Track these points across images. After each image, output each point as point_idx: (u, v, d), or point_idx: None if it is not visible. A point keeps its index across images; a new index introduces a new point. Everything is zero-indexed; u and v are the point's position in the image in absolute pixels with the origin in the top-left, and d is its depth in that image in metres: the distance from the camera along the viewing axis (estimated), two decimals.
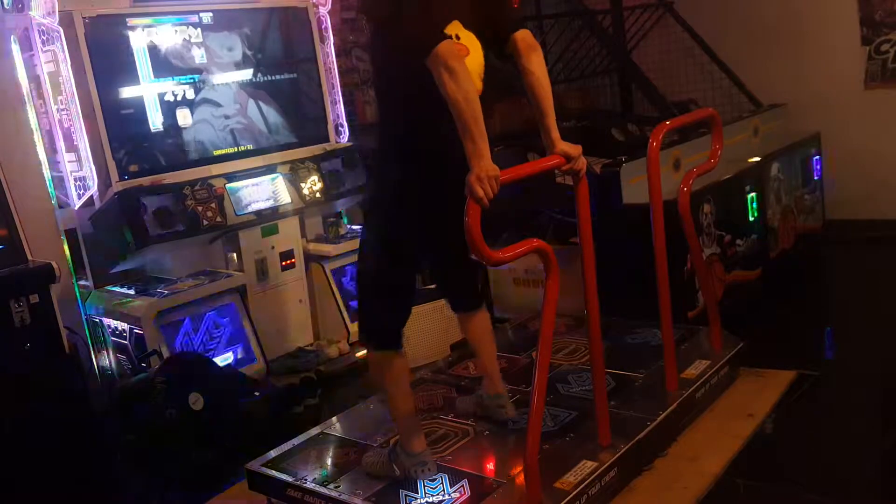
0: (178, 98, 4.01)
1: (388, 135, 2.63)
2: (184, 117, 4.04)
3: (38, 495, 3.08)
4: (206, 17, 4.12)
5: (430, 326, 4.05)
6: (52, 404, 3.21)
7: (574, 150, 2.51)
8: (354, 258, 4.42)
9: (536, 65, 2.50)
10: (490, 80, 2.53)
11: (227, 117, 4.21)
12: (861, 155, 5.31)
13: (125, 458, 3.47)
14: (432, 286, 4.23)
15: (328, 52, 4.65)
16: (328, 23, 4.64)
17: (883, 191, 5.28)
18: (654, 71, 5.80)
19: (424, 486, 2.59)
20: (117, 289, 3.95)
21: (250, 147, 4.29)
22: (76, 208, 3.77)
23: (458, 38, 2.44)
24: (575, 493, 2.46)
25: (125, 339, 3.79)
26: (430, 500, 2.53)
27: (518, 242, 2.30)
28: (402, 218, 2.57)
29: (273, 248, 4.25)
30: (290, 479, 2.77)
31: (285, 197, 4.23)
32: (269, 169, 4.25)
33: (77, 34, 3.63)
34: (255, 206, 4.10)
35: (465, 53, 2.43)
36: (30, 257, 3.30)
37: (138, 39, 3.87)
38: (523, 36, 2.52)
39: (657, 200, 3.02)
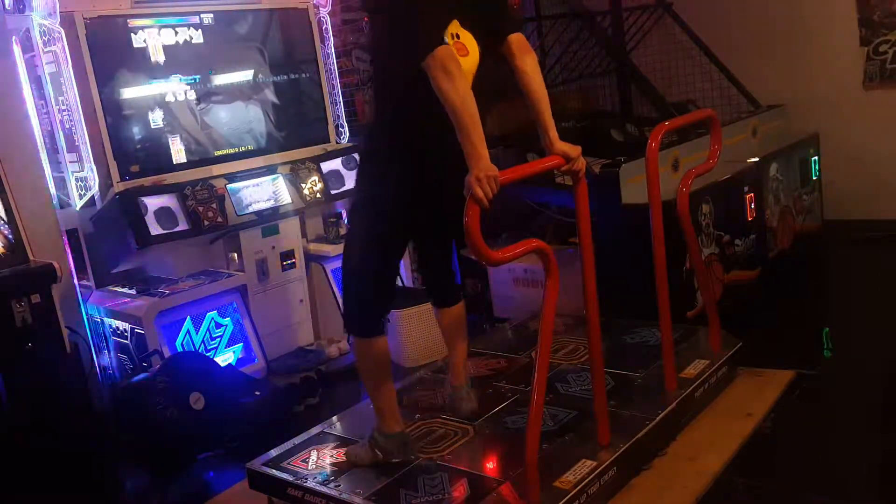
0: (179, 99, 4.02)
1: (378, 130, 2.68)
2: (184, 118, 4.05)
3: (38, 495, 3.09)
4: (207, 18, 4.13)
5: (430, 326, 4.06)
6: (52, 404, 3.22)
7: (573, 150, 2.53)
8: None
9: (531, 66, 2.55)
10: (487, 82, 2.55)
11: (227, 118, 4.22)
12: (860, 155, 5.32)
13: (125, 458, 3.48)
14: None
15: (328, 53, 4.66)
16: (328, 24, 4.65)
17: (882, 191, 5.29)
18: (653, 72, 5.81)
19: (424, 485, 2.61)
20: (118, 289, 3.95)
21: (251, 147, 4.30)
22: (77, 208, 3.78)
23: (457, 36, 2.45)
24: (574, 492, 2.47)
25: (126, 339, 3.80)
26: (430, 499, 2.54)
27: (518, 242, 2.32)
28: (386, 210, 2.61)
29: (274, 248, 4.26)
30: (290, 478, 2.78)
31: (286, 197, 4.24)
32: (270, 169, 4.26)
33: (78, 35, 3.64)
34: (255, 207, 4.11)
35: (465, 53, 2.45)
36: (31, 257, 3.31)
37: (139, 40, 3.88)
38: (518, 38, 2.57)
39: (656, 201, 3.03)
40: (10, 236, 3.30)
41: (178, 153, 4.03)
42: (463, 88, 2.24)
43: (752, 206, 4.40)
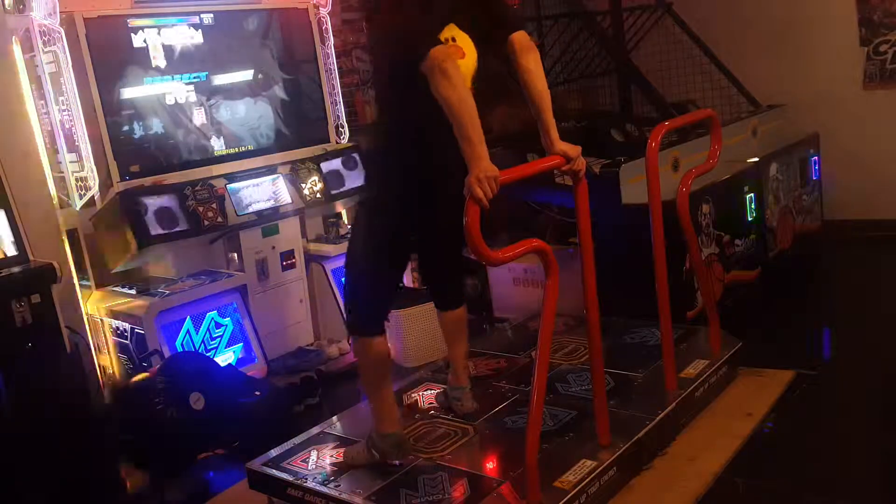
0: (179, 98, 4.02)
1: (381, 131, 2.71)
2: (184, 118, 4.05)
3: (38, 495, 3.09)
4: (207, 18, 4.12)
5: (430, 326, 4.06)
6: (52, 404, 3.21)
7: (573, 150, 2.53)
8: None
9: (534, 63, 2.56)
10: (487, 82, 2.55)
11: (227, 118, 4.22)
12: (859, 155, 5.32)
13: (125, 458, 3.48)
14: None
15: (328, 53, 4.66)
16: (328, 24, 4.65)
17: (881, 191, 5.29)
18: (653, 72, 5.82)
19: (424, 485, 2.61)
20: (118, 289, 3.95)
21: (251, 147, 4.30)
22: (77, 208, 3.77)
23: (453, 40, 2.47)
24: (574, 492, 2.47)
25: (126, 339, 3.80)
26: (430, 499, 2.54)
27: (518, 242, 2.32)
28: (389, 211, 2.64)
29: (273, 248, 4.26)
30: (290, 478, 2.78)
31: (286, 197, 4.24)
32: (270, 169, 4.26)
33: (78, 35, 3.64)
34: (255, 207, 4.10)
35: (461, 56, 2.45)
36: (31, 257, 3.30)
37: (139, 40, 3.88)
38: (521, 36, 2.57)
39: (656, 201, 3.03)
40: (10, 236, 3.30)
41: (178, 153, 4.03)
42: (461, 89, 2.24)
43: (752, 206, 4.40)
